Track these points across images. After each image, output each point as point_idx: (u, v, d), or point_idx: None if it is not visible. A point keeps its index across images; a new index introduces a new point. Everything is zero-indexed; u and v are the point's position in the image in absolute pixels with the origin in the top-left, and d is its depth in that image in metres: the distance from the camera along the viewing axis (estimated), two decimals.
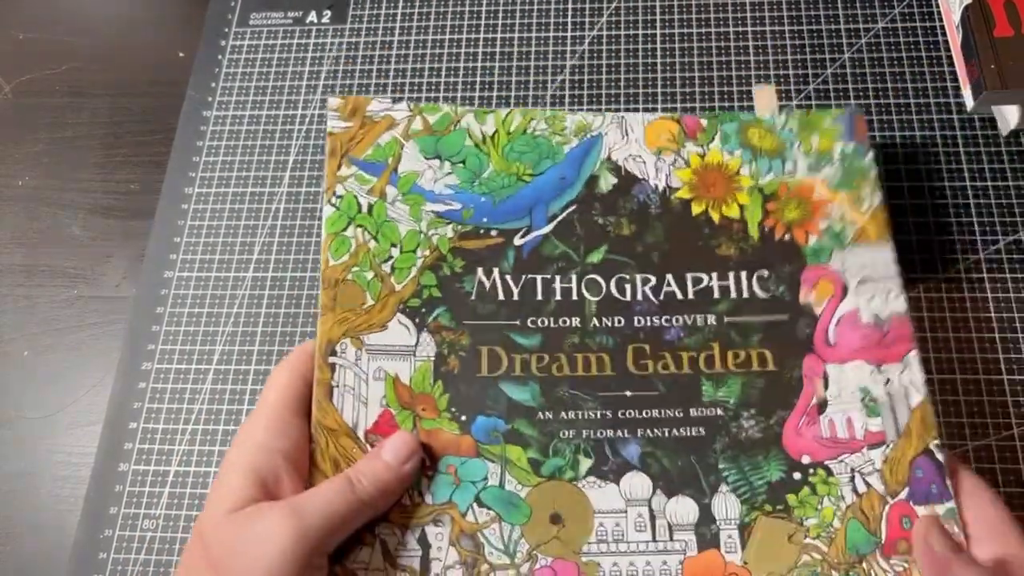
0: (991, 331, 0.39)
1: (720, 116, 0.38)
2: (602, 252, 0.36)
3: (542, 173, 0.37)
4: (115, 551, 0.38)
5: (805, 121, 0.38)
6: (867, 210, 0.36)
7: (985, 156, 0.43)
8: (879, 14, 0.47)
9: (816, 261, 0.36)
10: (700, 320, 0.35)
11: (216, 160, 0.47)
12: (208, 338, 0.42)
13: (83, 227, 0.47)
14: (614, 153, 0.38)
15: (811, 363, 0.34)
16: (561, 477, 0.33)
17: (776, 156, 0.37)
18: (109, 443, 0.41)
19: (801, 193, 0.37)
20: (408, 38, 0.49)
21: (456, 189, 0.37)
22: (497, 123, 0.38)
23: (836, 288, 0.35)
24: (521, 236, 0.36)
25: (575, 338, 0.35)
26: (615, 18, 0.49)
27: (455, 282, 0.35)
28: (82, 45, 0.52)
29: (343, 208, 0.36)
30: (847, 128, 0.38)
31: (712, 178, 0.37)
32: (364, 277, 0.35)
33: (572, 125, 0.38)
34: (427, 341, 0.34)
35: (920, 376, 0.33)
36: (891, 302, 0.35)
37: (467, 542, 0.32)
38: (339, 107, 0.37)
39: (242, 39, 0.50)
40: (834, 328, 0.35)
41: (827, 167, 0.37)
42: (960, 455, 0.37)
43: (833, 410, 0.33)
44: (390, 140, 0.37)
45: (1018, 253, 0.41)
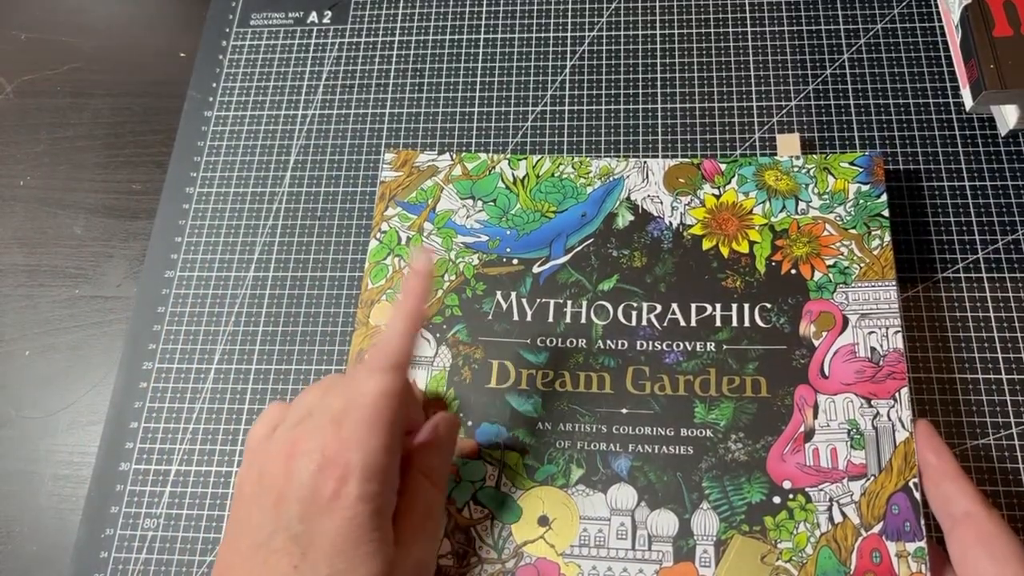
0: (990, 331, 0.39)
1: (739, 161, 0.41)
2: (613, 281, 0.39)
3: (565, 210, 0.41)
4: (116, 550, 0.38)
5: (823, 163, 0.40)
6: (876, 249, 0.38)
7: (984, 156, 0.43)
8: (878, 14, 0.47)
9: (819, 295, 0.37)
10: (700, 346, 0.37)
11: (217, 160, 0.47)
12: (209, 338, 0.42)
13: (84, 227, 0.47)
14: (634, 194, 0.41)
15: (803, 393, 0.36)
16: (553, 483, 0.36)
17: (790, 196, 0.40)
18: (110, 442, 0.41)
19: (811, 231, 0.39)
20: (409, 38, 0.49)
21: (485, 224, 0.41)
22: (528, 168, 0.42)
23: (836, 321, 0.37)
24: (540, 265, 0.40)
25: (580, 358, 0.38)
26: (615, 18, 0.49)
27: (475, 303, 0.39)
28: (83, 45, 0.53)
29: (385, 241, 0.41)
30: (865, 169, 0.40)
31: (725, 216, 0.39)
32: (396, 298, 0.38)
33: (597, 169, 0.41)
34: (445, 353, 0.38)
35: (908, 413, 0.35)
36: (890, 338, 0.36)
37: (460, 535, 0.35)
38: (392, 160, 0.43)
39: (243, 39, 0.50)
40: (830, 360, 0.36)
41: (840, 207, 0.39)
42: (960, 455, 0.37)
43: (819, 440, 0.35)
44: (432, 185, 0.42)
45: (1017, 253, 0.41)
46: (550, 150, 0.45)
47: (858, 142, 0.44)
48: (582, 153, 0.45)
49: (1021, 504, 0.36)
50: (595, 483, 0.35)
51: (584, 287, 0.39)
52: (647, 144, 0.45)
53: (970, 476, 0.33)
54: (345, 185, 0.46)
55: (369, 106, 0.48)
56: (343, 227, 0.45)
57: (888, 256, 0.38)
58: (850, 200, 0.39)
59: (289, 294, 0.43)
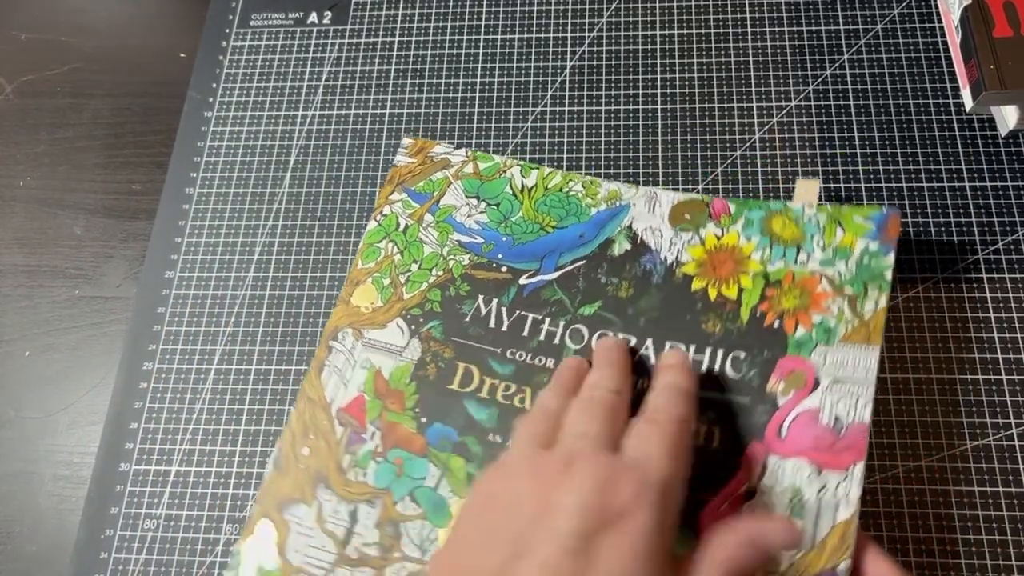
0: (990, 331, 0.39)
1: (749, 203, 0.39)
2: (595, 307, 0.38)
3: (564, 227, 0.40)
4: (116, 551, 0.38)
5: (835, 214, 0.38)
6: (868, 312, 0.36)
7: (984, 156, 0.43)
8: (878, 15, 0.47)
9: (797, 352, 0.35)
10: None
11: (217, 160, 0.47)
12: (209, 338, 0.42)
13: (84, 227, 0.47)
14: (636, 223, 0.40)
15: (755, 450, 0.34)
16: None
17: (792, 245, 0.38)
18: (110, 443, 0.41)
19: (804, 284, 0.37)
20: (409, 38, 0.49)
21: (484, 226, 0.40)
22: (539, 178, 0.41)
23: (807, 382, 0.35)
24: (527, 277, 0.39)
25: (545, 377, 0.37)
26: (615, 18, 0.49)
27: (456, 303, 0.39)
28: (83, 46, 0.53)
29: (384, 225, 0.41)
30: (877, 226, 0.37)
31: (722, 259, 0.38)
32: (381, 283, 0.40)
33: (605, 192, 0.41)
34: (415, 346, 0.38)
35: (857, 491, 0.33)
36: (858, 409, 0.34)
37: (390, 528, 0.35)
38: (408, 146, 0.43)
39: (243, 40, 0.50)
40: (790, 422, 0.34)
41: (841, 262, 0.37)
42: (960, 455, 0.37)
43: (758, 502, 0.33)
44: (441, 177, 0.42)
45: (1017, 253, 0.41)
46: (550, 151, 0.45)
47: (858, 143, 0.44)
48: (582, 154, 0.45)
49: (1021, 504, 0.36)
50: None
51: (565, 307, 0.38)
52: (647, 144, 0.45)
53: None
54: (345, 185, 0.46)
55: (369, 106, 0.48)
56: (343, 227, 0.45)
57: (879, 321, 0.35)
58: (854, 257, 0.37)
59: (289, 294, 0.43)
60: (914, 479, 0.37)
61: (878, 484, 0.37)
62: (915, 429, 0.38)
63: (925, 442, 0.38)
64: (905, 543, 0.36)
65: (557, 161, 0.45)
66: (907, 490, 0.37)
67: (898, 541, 0.36)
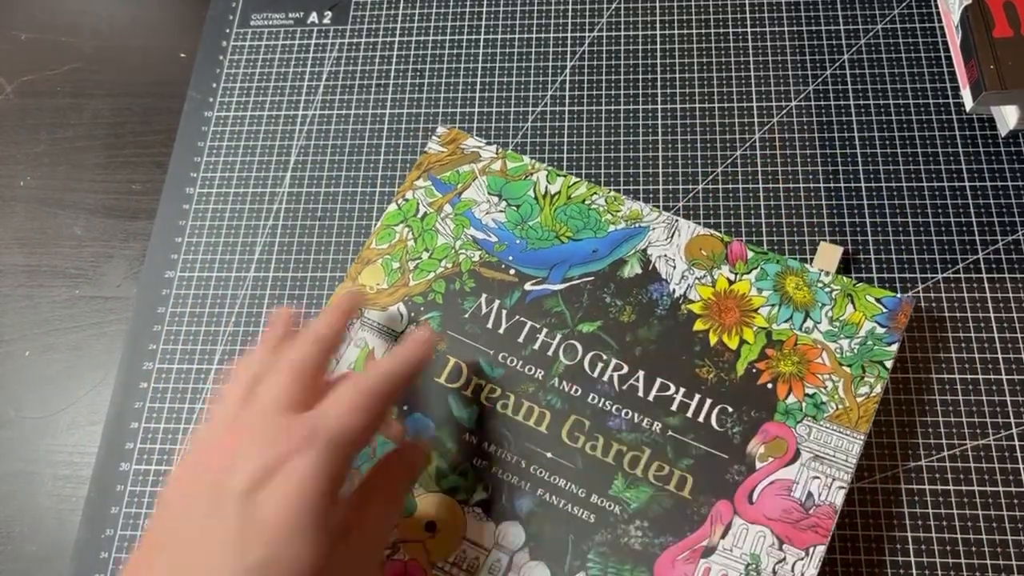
0: (990, 331, 0.39)
1: (768, 256, 0.39)
2: (595, 326, 0.38)
3: (579, 240, 0.40)
4: (116, 550, 0.38)
5: (849, 288, 0.38)
6: (861, 396, 0.36)
7: (984, 157, 0.43)
8: (878, 15, 0.47)
9: (783, 419, 0.36)
10: (646, 423, 0.36)
11: (217, 160, 0.47)
12: (209, 338, 0.42)
13: (84, 227, 0.47)
14: (652, 248, 0.39)
15: (722, 508, 0.34)
16: (454, 495, 0.35)
17: (801, 309, 0.38)
18: (110, 443, 0.41)
19: (805, 352, 0.37)
20: (409, 39, 0.49)
21: (500, 225, 0.41)
22: (564, 186, 0.41)
23: (788, 452, 0.35)
24: (533, 284, 0.39)
25: (532, 387, 0.37)
26: (615, 18, 0.49)
27: (459, 297, 0.39)
28: (83, 46, 0.53)
29: (404, 208, 0.42)
30: (888, 312, 0.37)
31: (729, 305, 0.38)
32: (391, 266, 0.40)
33: (627, 210, 0.40)
34: (411, 332, 0.38)
35: (814, 573, 0.33)
36: (831, 492, 0.34)
37: None
38: (442, 136, 0.44)
39: (243, 40, 0.50)
40: (763, 488, 0.34)
41: (845, 339, 0.37)
42: (960, 455, 0.37)
43: (716, 560, 0.34)
44: (468, 171, 0.42)
45: (1017, 253, 0.41)
46: (550, 151, 0.45)
47: (858, 143, 0.44)
48: (582, 154, 0.45)
49: (1021, 504, 0.36)
50: (492, 511, 0.35)
51: (565, 321, 0.38)
52: (647, 144, 0.45)
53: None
54: (345, 185, 0.46)
55: (369, 106, 0.48)
56: (343, 227, 0.45)
57: (870, 408, 0.35)
58: (859, 337, 0.37)
59: (289, 294, 0.43)
60: (914, 479, 0.37)
61: (878, 484, 0.37)
62: (915, 429, 0.38)
63: (925, 442, 0.38)
64: (905, 543, 0.36)
65: (557, 161, 0.45)
66: (907, 490, 0.37)
67: (898, 541, 0.36)
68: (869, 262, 0.41)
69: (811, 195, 0.43)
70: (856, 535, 0.36)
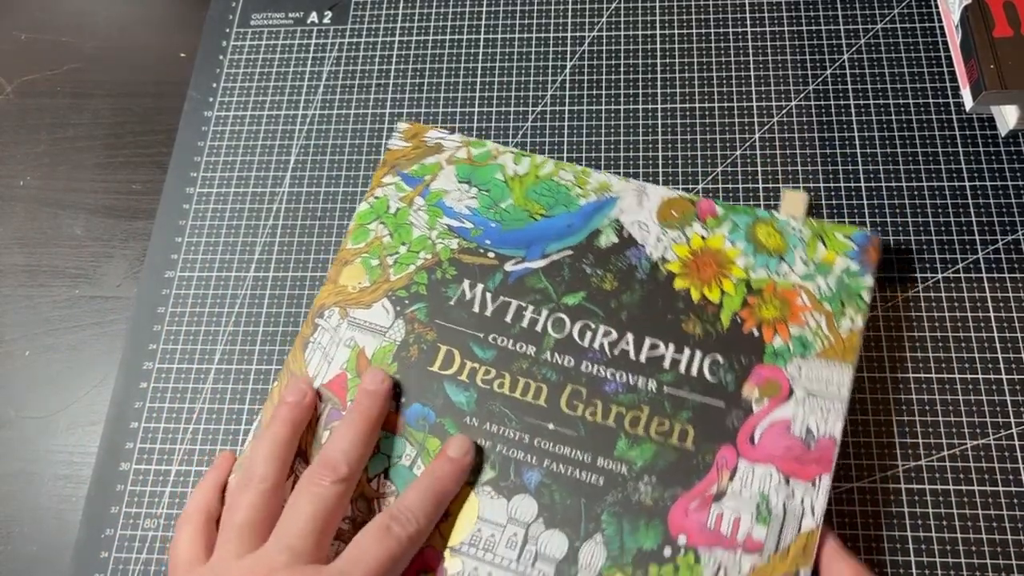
0: (990, 331, 0.39)
1: (736, 208, 0.40)
2: (579, 297, 0.39)
3: (553, 216, 0.40)
4: (116, 550, 0.38)
5: (819, 229, 0.39)
6: (844, 330, 0.37)
7: (984, 156, 0.43)
8: (878, 14, 0.47)
9: (773, 361, 0.36)
10: (642, 383, 0.37)
11: (217, 160, 0.47)
12: (209, 338, 0.42)
13: (84, 227, 0.47)
14: (624, 216, 0.40)
15: (726, 453, 0.35)
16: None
17: (775, 255, 0.38)
18: (110, 442, 0.41)
19: (785, 295, 0.38)
20: (409, 39, 0.49)
21: (474, 211, 0.41)
22: (531, 166, 0.42)
23: (782, 391, 0.36)
24: (514, 264, 0.40)
25: (525, 364, 0.38)
26: (615, 18, 0.49)
27: (442, 286, 0.39)
28: (83, 46, 0.53)
29: (375, 207, 0.42)
30: (858, 247, 0.38)
31: (705, 261, 0.39)
32: (370, 263, 0.40)
33: (595, 183, 0.41)
34: (399, 327, 0.39)
35: (823, 503, 0.33)
36: (829, 423, 0.35)
37: (363, 504, 0.36)
38: (404, 131, 0.43)
39: (243, 39, 0.50)
40: (763, 429, 0.35)
41: (821, 278, 0.38)
42: (960, 455, 0.37)
43: (727, 504, 0.34)
44: (434, 162, 0.42)
45: (1017, 253, 0.41)
46: (550, 150, 0.45)
47: (858, 143, 0.44)
48: (582, 154, 0.45)
49: (1021, 504, 0.36)
50: (502, 488, 0.35)
51: (549, 296, 0.39)
52: (647, 144, 0.45)
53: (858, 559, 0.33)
54: (345, 185, 0.46)
55: (369, 106, 0.48)
56: (343, 227, 0.45)
57: (854, 340, 0.36)
58: (834, 274, 0.38)
59: (289, 294, 0.43)
60: (914, 479, 0.37)
61: (878, 484, 0.37)
62: (915, 429, 0.38)
63: (925, 442, 0.38)
64: (905, 543, 0.36)
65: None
66: (907, 490, 0.37)
67: (898, 541, 0.36)
68: None
69: (811, 195, 0.43)
70: (856, 535, 0.36)
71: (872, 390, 0.39)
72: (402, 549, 0.32)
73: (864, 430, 0.38)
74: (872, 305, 0.39)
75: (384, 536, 0.32)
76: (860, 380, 0.39)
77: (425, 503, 0.33)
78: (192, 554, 0.32)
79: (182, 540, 0.33)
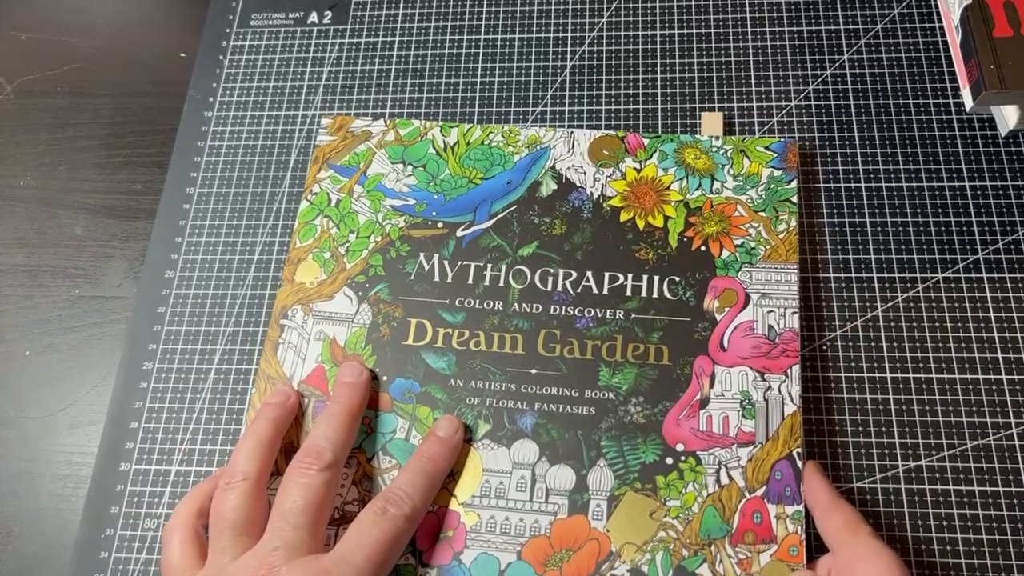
0: (990, 331, 0.39)
1: (661, 136, 0.42)
2: (533, 247, 0.41)
3: (492, 177, 0.42)
4: (116, 550, 0.38)
5: (740, 145, 0.42)
6: (781, 232, 0.40)
7: (984, 156, 0.43)
8: (878, 15, 0.47)
9: (725, 272, 0.39)
10: (609, 314, 0.39)
11: (217, 160, 0.47)
12: (209, 338, 0.42)
13: (84, 227, 0.47)
14: (559, 163, 0.42)
15: (702, 363, 0.38)
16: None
17: (707, 175, 0.41)
18: (110, 442, 0.41)
19: (723, 210, 0.40)
20: (409, 39, 0.49)
21: (413, 188, 0.42)
22: (459, 135, 0.44)
23: (739, 299, 0.39)
24: (463, 229, 0.41)
25: (495, 319, 0.39)
26: (615, 18, 0.49)
27: (398, 264, 0.41)
28: (83, 46, 0.53)
29: (315, 203, 0.43)
30: (779, 155, 0.41)
31: (644, 190, 0.41)
32: (322, 257, 0.41)
33: (524, 138, 0.43)
34: (365, 311, 0.40)
35: (797, 389, 0.37)
36: (787, 318, 0.38)
37: (367, 483, 0.37)
38: (328, 125, 0.44)
39: (243, 39, 0.50)
40: (729, 334, 0.38)
41: (752, 189, 0.41)
42: (960, 455, 0.37)
43: (713, 407, 0.37)
44: (365, 149, 0.44)
45: (1017, 253, 0.41)
46: None
47: (858, 143, 0.44)
48: None
49: (1021, 504, 0.36)
50: (500, 438, 0.37)
51: (504, 252, 0.41)
52: None
53: (854, 506, 0.34)
54: None
55: (369, 106, 0.48)
56: None
57: (792, 240, 0.39)
58: (762, 184, 0.41)
59: None
60: (914, 479, 0.37)
61: (878, 484, 0.37)
62: (915, 429, 0.38)
63: (925, 442, 0.38)
64: (905, 543, 0.36)
65: None
66: (907, 490, 0.37)
67: (898, 541, 0.36)
68: (869, 261, 0.41)
69: (811, 195, 0.43)
70: None
71: (872, 390, 0.39)
72: (398, 529, 0.32)
73: (864, 430, 0.38)
74: (872, 304, 0.40)
75: (380, 519, 0.32)
76: (860, 380, 0.39)
77: (417, 483, 0.34)
78: (185, 562, 0.32)
79: (172, 550, 0.33)
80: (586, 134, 0.43)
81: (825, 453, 0.38)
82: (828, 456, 0.38)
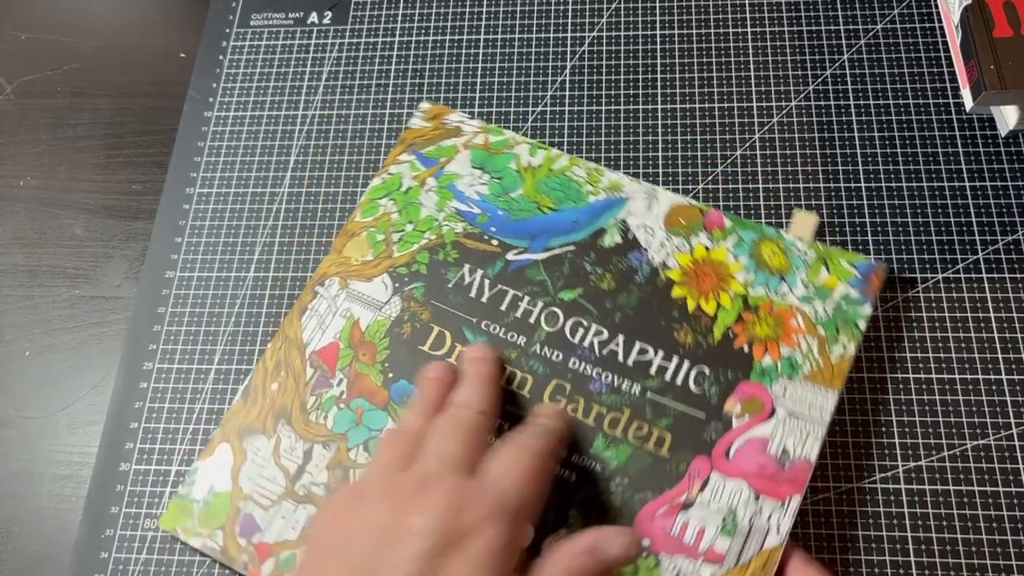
0: (990, 331, 0.39)
1: (744, 223, 0.40)
2: (575, 293, 0.39)
3: (560, 211, 0.41)
4: (116, 550, 0.38)
5: (824, 254, 0.39)
6: (836, 357, 0.37)
7: (984, 157, 0.43)
8: (878, 15, 0.47)
9: (759, 379, 0.36)
10: (626, 385, 0.37)
11: (217, 160, 0.47)
12: (209, 338, 0.42)
13: (84, 227, 0.47)
14: (631, 218, 0.40)
15: (700, 464, 0.35)
16: None
17: (776, 274, 0.38)
18: (110, 443, 0.41)
19: (780, 315, 0.38)
20: (409, 39, 0.49)
21: (483, 197, 0.41)
22: (545, 158, 0.42)
23: (764, 410, 0.36)
24: (516, 254, 0.40)
25: (514, 354, 0.38)
26: (615, 18, 0.49)
27: (442, 268, 0.40)
28: (83, 46, 0.53)
29: (388, 183, 0.42)
30: (860, 276, 0.38)
31: (706, 272, 0.39)
32: (375, 238, 0.41)
33: (607, 181, 0.41)
34: (395, 303, 0.40)
35: (789, 523, 0.34)
36: (806, 446, 0.35)
37: (339, 472, 0.37)
38: (425, 111, 0.44)
39: (243, 39, 0.50)
40: (739, 444, 0.35)
41: (819, 302, 0.38)
42: (960, 455, 0.37)
43: (695, 513, 0.34)
44: (451, 145, 0.43)
45: (1017, 253, 0.41)
46: None
47: (858, 143, 0.44)
48: (583, 154, 0.45)
49: (1021, 504, 0.36)
50: None
51: (546, 289, 0.39)
52: (647, 144, 0.45)
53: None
54: (345, 185, 0.46)
55: (369, 106, 0.48)
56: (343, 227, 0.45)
57: (844, 367, 0.36)
58: (833, 300, 0.37)
59: (289, 294, 0.43)
60: (914, 479, 0.37)
61: (878, 484, 0.37)
62: (915, 429, 0.38)
63: (925, 442, 0.38)
64: (905, 543, 0.36)
65: None
66: (907, 490, 0.37)
67: (898, 541, 0.36)
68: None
69: (811, 195, 0.43)
70: (856, 535, 0.36)
71: (872, 390, 0.39)
72: (538, 461, 0.32)
73: (864, 430, 0.38)
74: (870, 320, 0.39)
75: (518, 452, 0.32)
76: (860, 380, 0.39)
77: (540, 429, 0.34)
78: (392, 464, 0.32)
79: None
80: (669, 197, 0.40)
81: (825, 453, 0.38)
82: (828, 456, 0.38)
